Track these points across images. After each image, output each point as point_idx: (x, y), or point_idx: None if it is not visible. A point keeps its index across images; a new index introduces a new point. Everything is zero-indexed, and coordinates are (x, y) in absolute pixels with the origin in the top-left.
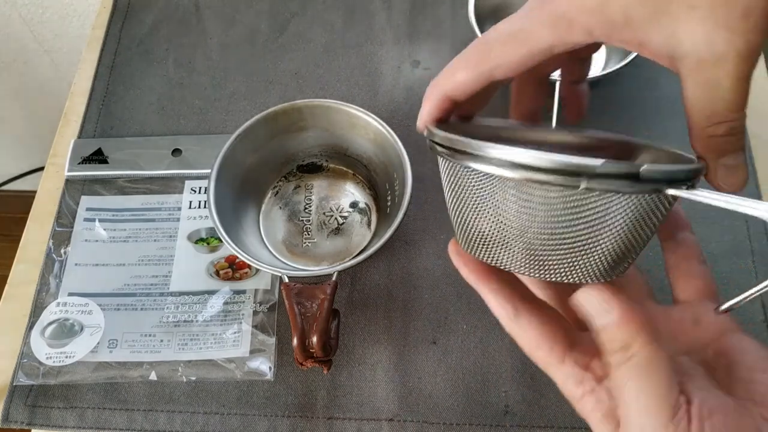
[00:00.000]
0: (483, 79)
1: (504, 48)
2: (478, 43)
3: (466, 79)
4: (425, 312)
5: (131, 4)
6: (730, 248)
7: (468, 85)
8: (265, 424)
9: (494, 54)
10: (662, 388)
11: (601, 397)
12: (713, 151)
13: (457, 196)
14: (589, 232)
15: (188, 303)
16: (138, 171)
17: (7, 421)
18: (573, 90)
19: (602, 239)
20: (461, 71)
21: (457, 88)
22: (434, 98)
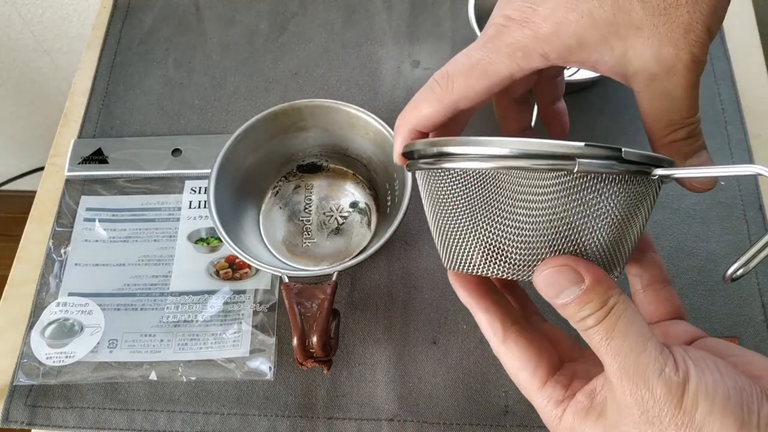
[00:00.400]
0: (448, 111)
1: (465, 80)
2: (439, 77)
3: (431, 112)
4: (425, 312)
5: (131, 4)
6: (730, 248)
7: (433, 118)
8: (265, 424)
9: (456, 86)
10: (645, 329)
11: (579, 400)
12: (679, 154)
13: (441, 208)
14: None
15: (188, 303)
16: (138, 171)
17: (7, 421)
18: (552, 110)
19: (598, 230)
20: (425, 105)
21: (422, 121)
22: (403, 132)
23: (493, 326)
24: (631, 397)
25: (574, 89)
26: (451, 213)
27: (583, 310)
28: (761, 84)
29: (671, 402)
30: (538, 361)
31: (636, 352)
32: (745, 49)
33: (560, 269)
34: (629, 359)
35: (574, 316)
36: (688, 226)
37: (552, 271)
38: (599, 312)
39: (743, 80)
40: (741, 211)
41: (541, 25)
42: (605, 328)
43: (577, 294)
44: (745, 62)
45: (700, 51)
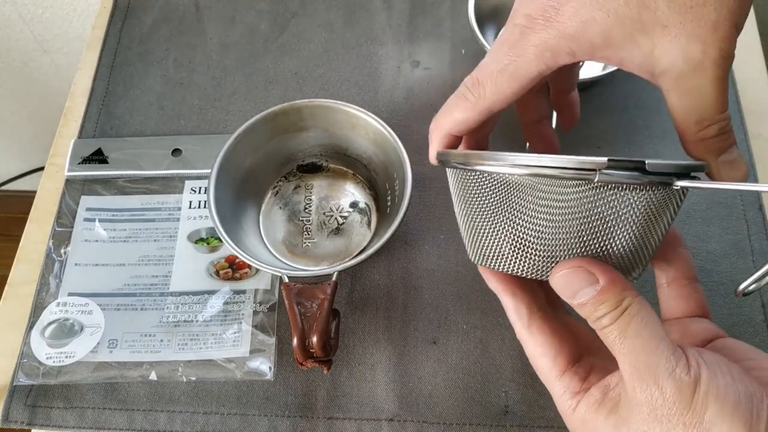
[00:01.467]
0: (481, 116)
1: (496, 86)
2: (470, 84)
3: (465, 118)
4: (425, 312)
5: (131, 4)
6: (730, 248)
7: (467, 122)
8: (265, 424)
9: (488, 92)
10: (659, 329)
11: (593, 393)
12: (711, 152)
13: (471, 209)
14: (605, 229)
15: (188, 303)
16: (138, 171)
17: (7, 421)
18: (564, 99)
19: (618, 237)
20: (459, 111)
21: (456, 126)
22: (437, 136)
23: (518, 311)
24: (642, 394)
25: None
26: (479, 212)
27: (598, 310)
28: (761, 84)
29: (681, 401)
30: (559, 350)
31: (648, 352)
32: (745, 49)
33: (576, 270)
34: (641, 358)
35: (590, 315)
36: (688, 226)
37: (568, 272)
38: (614, 312)
39: (743, 80)
40: (741, 211)
41: (567, 24)
42: (619, 327)
43: (592, 294)
44: (745, 62)
45: (729, 46)
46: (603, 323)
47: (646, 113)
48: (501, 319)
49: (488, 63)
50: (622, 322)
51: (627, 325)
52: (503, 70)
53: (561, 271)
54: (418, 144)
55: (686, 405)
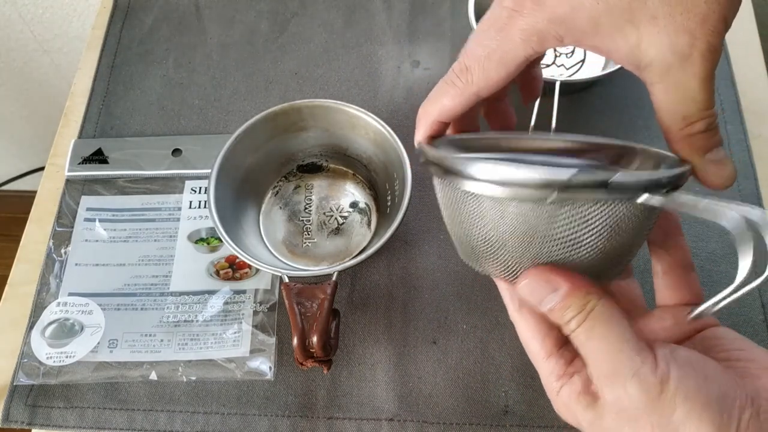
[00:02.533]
0: (469, 103)
1: (484, 72)
2: (458, 70)
3: (453, 105)
4: (425, 312)
5: (131, 4)
6: (730, 248)
7: (455, 109)
8: (265, 424)
9: (476, 77)
10: (625, 330)
11: (575, 381)
12: (696, 149)
13: (448, 210)
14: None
15: (188, 303)
16: (138, 171)
17: (7, 421)
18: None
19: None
20: (447, 98)
21: (444, 113)
22: (425, 123)
23: (512, 294)
24: (609, 395)
25: (574, 89)
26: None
27: (565, 315)
28: (761, 84)
29: (647, 402)
30: (548, 332)
31: (612, 353)
32: (745, 49)
33: (538, 279)
34: (606, 359)
35: (559, 320)
36: (688, 226)
37: (531, 280)
38: (579, 315)
39: (743, 80)
40: None
41: (556, 8)
42: (585, 330)
43: (556, 300)
44: (745, 62)
45: (717, 41)
46: (571, 327)
47: (647, 113)
48: (501, 319)
49: (474, 48)
50: (587, 325)
51: (592, 328)
52: (490, 56)
53: (524, 280)
54: None
55: (652, 405)
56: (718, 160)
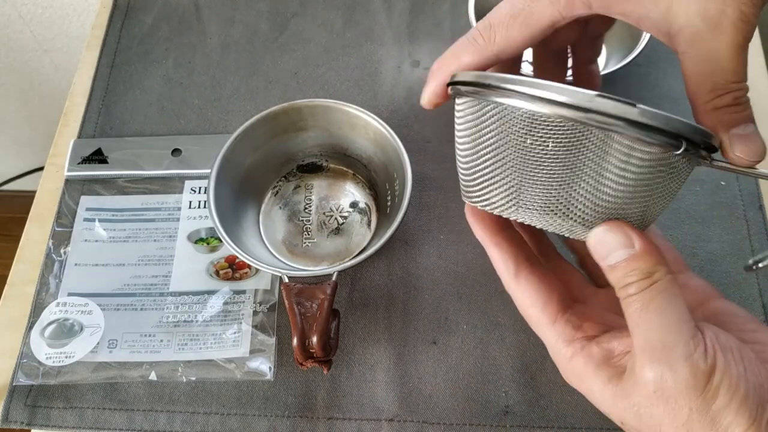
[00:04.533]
0: (489, 62)
1: (507, 31)
2: (481, 28)
3: (472, 62)
4: (425, 312)
5: (131, 4)
6: (730, 248)
7: (472, 67)
8: (265, 424)
9: (499, 36)
10: (683, 311)
11: (592, 351)
12: (723, 123)
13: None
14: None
15: (188, 303)
16: (138, 171)
17: (6, 421)
18: (585, 70)
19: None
20: (467, 55)
21: (461, 69)
22: (439, 77)
23: (505, 262)
24: (651, 372)
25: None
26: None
27: (628, 276)
28: (761, 84)
29: (693, 387)
30: (549, 298)
31: (667, 331)
32: None
33: (616, 230)
34: (658, 336)
35: (619, 281)
36: (688, 227)
37: (607, 230)
38: (642, 281)
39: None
40: (741, 211)
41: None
42: (642, 299)
43: (625, 257)
44: None
45: (750, 10)
46: (628, 291)
47: None
48: (501, 319)
49: (503, 7)
50: (647, 295)
51: (651, 299)
52: (516, 16)
53: (600, 228)
54: (418, 144)
55: (698, 391)
56: (745, 134)
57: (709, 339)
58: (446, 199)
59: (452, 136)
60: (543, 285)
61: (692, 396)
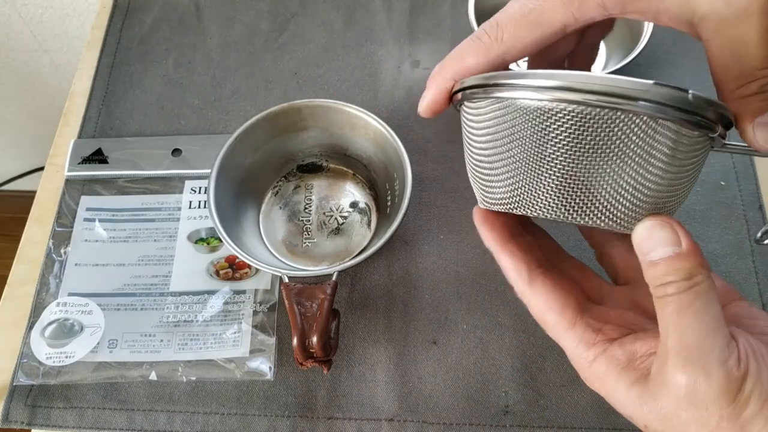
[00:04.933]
0: (494, 64)
1: (516, 30)
2: (488, 27)
3: (476, 63)
4: (425, 312)
5: (131, 4)
6: (730, 248)
7: (477, 69)
8: (265, 424)
9: (506, 37)
10: (720, 317)
11: (615, 354)
12: (747, 112)
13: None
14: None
15: (188, 303)
16: (138, 171)
17: (7, 421)
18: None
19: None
20: (471, 56)
21: (464, 72)
22: (440, 80)
23: (518, 269)
24: (684, 376)
25: None
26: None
27: (669, 275)
28: None
29: (725, 394)
30: (566, 302)
31: (704, 336)
32: None
33: (663, 225)
34: (693, 340)
35: (658, 278)
36: (688, 226)
37: (655, 224)
38: (683, 282)
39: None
40: (741, 211)
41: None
42: (681, 301)
43: (669, 254)
44: None
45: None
46: (667, 291)
47: None
48: (501, 319)
49: (512, 6)
50: (686, 297)
51: (690, 302)
52: (526, 15)
53: (648, 222)
54: (418, 144)
55: (730, 398)
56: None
57: (743, 345)
58: (446, 199)
59: (452, 136)
60: (558, 289)
61: (723, 403)
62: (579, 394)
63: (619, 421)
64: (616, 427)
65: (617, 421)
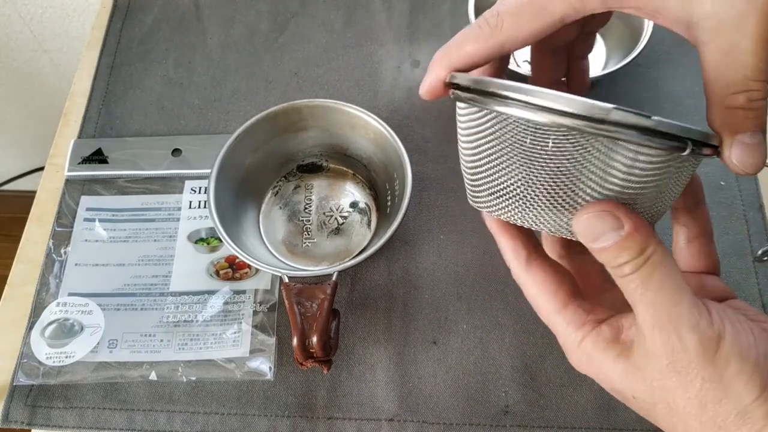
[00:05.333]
0: (493, 52)
1: (516, 20)
2: (489, 15)
3: (475, 51)
4: (425, 312)
5: (131, 4)
6: (730, 248)
7: (476, 57)
8: (265, 424)
9: (506, 27)
10: (681, 281)
11: (601, 330)
12: (730, 125)
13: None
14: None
15: (188, 303)
16: (138, 171)
17: (7, 421)
18: (577, 65)
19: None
20: (470, 43)
21: (464, 60)
22: (439, 68)
23: (516, 251)
24: (662, 346)
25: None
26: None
27: (620, 257)
28: None
29: (702, 355)
30: (560, 285)
31: (671, 303)
32: None
33: (601, 214)
34: (663, 309)
35: (611, 261)
36: None
37: (593, 215)
38: (637, 260)
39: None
40: (741, 212)
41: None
42: (641, 276)
43: (615, 239)
44: None
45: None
46: (624, 271)
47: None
48: (501, 319)
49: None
50: (645, 271)
51: (650, 275)
52: (526, 6)
53: (586, 214)
54: (418, 144)
55: (708, 359)
56: (748, 144)
57: (714, 309)
58: (446, 199)
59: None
60: (554, 273)
61: (704, 365)
62: (579, 394)
63: (619, 421)
64: (616, 427)
65: (617, 421)
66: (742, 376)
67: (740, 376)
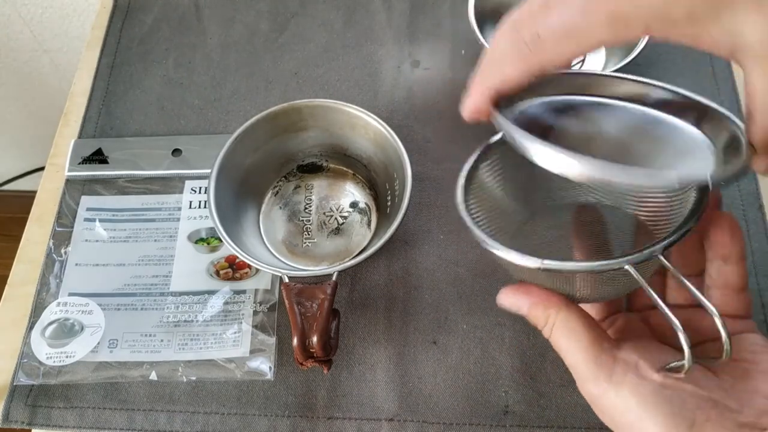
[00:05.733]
0: (532, 74)
1: (558, 46)
2: (529, 39)
3: (516, 75)
4: (425, 312)
5: (131, 4)
6: None
7: (517, 79)
8: (265, 423)
9: (548, 50)
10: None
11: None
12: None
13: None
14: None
15: (188, 303)
16: (138, 171)
17: (7, 421)
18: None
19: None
20: (510, 66)
21: (504, 83)
22: (480, 92)
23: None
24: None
25: None
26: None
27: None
28: None
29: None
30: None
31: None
32: None
33: (508, 297)
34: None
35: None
36: None
37: (505, 298)
38: (545, 328)
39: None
40: (741, 211)
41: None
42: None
43: (525, 314)
44: None
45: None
46: (544, 333)
47: None
48: (501, 319)
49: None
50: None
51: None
52: (569, 32)
53: (501, 295)
54: (418, 144)
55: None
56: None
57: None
58: (446, 199)
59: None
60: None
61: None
62: (579, 394)
63: None
64: None
65: None
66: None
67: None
